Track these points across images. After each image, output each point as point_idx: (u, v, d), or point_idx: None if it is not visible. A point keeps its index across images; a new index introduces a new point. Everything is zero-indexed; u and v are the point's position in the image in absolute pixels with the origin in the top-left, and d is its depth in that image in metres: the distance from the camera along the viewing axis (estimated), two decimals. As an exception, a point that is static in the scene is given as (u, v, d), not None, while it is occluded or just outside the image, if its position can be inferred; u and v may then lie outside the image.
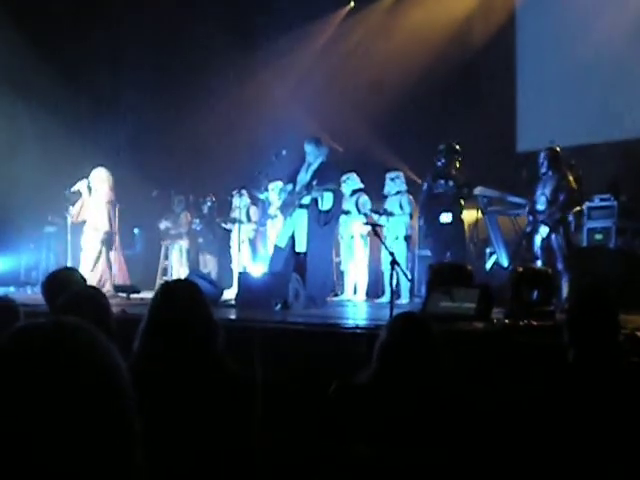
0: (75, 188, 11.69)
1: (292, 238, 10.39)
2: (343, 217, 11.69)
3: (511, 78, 14.74)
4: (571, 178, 9.96)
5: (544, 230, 9.87)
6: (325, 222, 10.31)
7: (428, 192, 11.30)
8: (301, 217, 10.34)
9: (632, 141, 12.69)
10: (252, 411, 3.16)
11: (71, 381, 1.37)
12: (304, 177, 10.49)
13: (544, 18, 14.46)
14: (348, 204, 11.96)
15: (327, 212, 10.31)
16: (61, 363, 1.38)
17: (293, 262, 10.43)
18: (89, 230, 11.68)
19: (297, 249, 10.39)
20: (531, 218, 10.05)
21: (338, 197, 10.54)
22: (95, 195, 11.69)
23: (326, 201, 10.32)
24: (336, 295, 12.42)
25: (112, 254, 11.86)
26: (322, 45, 16.57)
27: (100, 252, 11.58)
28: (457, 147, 11.33)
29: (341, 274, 12.73)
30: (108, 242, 11.74)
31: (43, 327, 1.46)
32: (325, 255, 10.68)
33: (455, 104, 14.41)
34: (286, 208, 10.63)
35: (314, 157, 10.52)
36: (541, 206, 9.99)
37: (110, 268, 11.59)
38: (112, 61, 16.68)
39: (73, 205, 11.81)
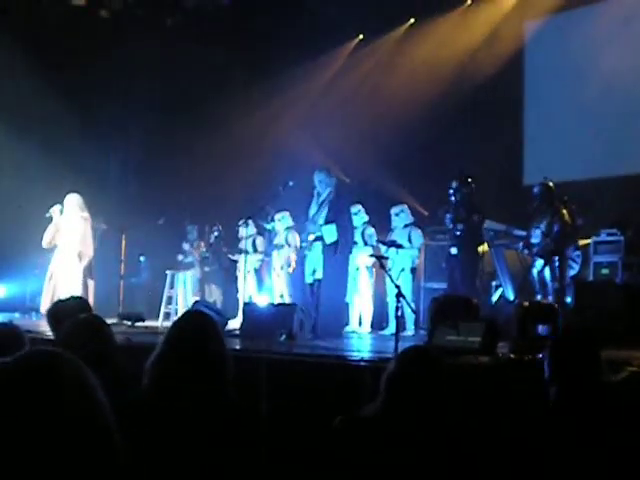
0: (49, 213, 11.68)
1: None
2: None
3: (519, 111, 14.79)
4: (565, 212, 10.06)
5: (539, 263, 9.94)
6: (335, 252, 10.37)
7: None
8: (316, 249, 10.42)
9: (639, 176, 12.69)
10: (256, 443, 3.15)
11: (54, 403, 1.46)
12: (313, 209, 10.58)
13: (552, 52, 14.52)
14: (355, 236, 11.98)
15: (334, 244, 10.36)
16: (45, 387, 1.48)
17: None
18: (62, 255, 11.65)
19: (308, 280, 10.49)
20: (526, 252, 10.13)
21: (342, 228, 10.55)
22: (69, 220, 11.67)
23: (329, 234, 10.37)
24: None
25: (90, 282, 11.80)
26: (331, 77, 16.64)
27: (78, 278, 11.54)
28: (469, 180, 11.41)
29: (346, 305, 12.71)
30: (88, 268, 11.72)
31: (30, 357, 1.51)
32: (339, 286, 10.71)
33: (462, 137, 14.42)
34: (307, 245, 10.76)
35: (324, 187, 10.59)
36: (535, 239, 10.09)
37: (87, 296, 11.49)
38: (121, 88, 16.76)
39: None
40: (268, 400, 3.33)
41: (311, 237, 10.67)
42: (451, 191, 11.39)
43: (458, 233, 11.30)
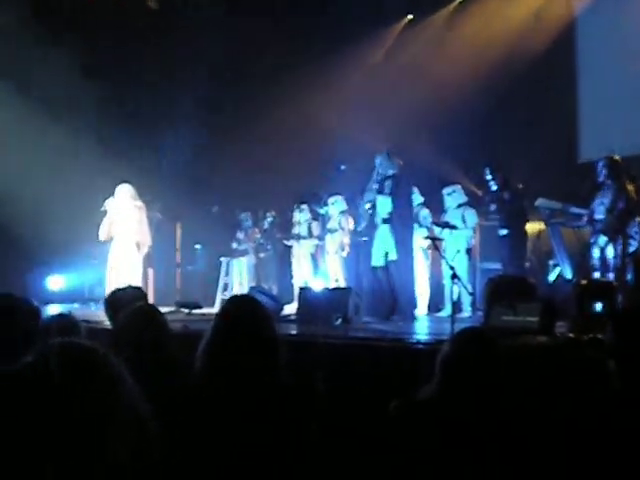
0: (103, 207, 11.77)
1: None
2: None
3: (572, 88, 14.55)
4: (631, 188, 9.78)
5: (602, 240, 9.73)
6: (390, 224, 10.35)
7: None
8: (383, 231, 10.40)
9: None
10: (311, 427, 3.14)
11: (83, 395, 1.48)
12: (371, 185, 10.56)
13: (605, 25, 14.24)
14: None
15: (389, 216, 10.37)
16: (74, 377, 1.50)
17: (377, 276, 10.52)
18: (120, 245, 11.78)
19: (378, 263, 10.47)
20: (590, 228, 9.91)
21: (399, 202, 10.52)
22: (123, 210, 11.78)
23: (383, 206, 10.37)
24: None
25: (150, 271, 11.91)
26: (380, 58, 16.55)
27: (137, 267, 11.66)
28: (500, 164, 11.35)
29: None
30: (147, 257, 11.83)
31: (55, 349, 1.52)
32: (410, 267, 10.68)
33: (515, 115, 14.26)
34: (370, 227, 10.70)
35: (384, 168, 10.56)
36: (599, 215, 9.85)
37: (147, 285, 11.58)
38: (170, 78, 16.85)
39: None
40: (324, 384, 3.31)
41: (367, 206, 10.62)
42: (487, 176, 11.29)
43: (500, 214, 11.21)
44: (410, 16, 16.57)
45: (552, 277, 11.79)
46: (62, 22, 15.07)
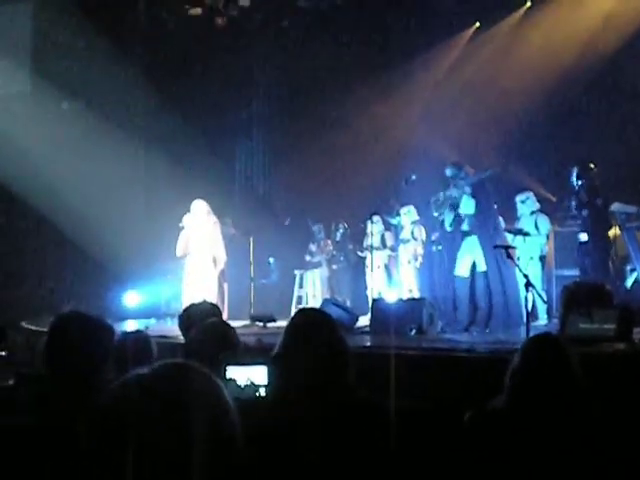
0: (181, 223, 11.91)
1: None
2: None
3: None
4: None
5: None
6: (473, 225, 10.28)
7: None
8: (471, 240, 10.37)
9: None
10: (385, 440, 3.14)
11: (182, 417, 1.50)
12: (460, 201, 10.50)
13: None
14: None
15: (472, 217, 10.29)
16: (175, 400, 1.52)
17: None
18: (196, 261, 11.90)
19: (460, 273, 10.39)
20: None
21: (482, 205, 10.44)
22: (199, 226, 11.90)
23: (467, 206, 10.30)
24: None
25: (225, 285, 12.03)
26: (449, 67, 16.47)
27: (213, 282, 11.77)
28: (590, 166, 11.15)
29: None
30: (222, 272, 11.96)
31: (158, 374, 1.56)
32: (509, 275, 10.46)
33: (588, 120, 14.06)
34: (449, 238, 10.62)
35: (457, 180, 10.50)
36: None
37: (222, 300, 11.67)
38: (243, 93, 17.03)
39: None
40: (398, 396, 3.31)
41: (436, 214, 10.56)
42: (573, 178, 11.14)
43: (583, 219, 11.03)
44: (477, 24, 16.47)
45: (629, 283, 11.59)
46: (132, 41, 15.35)
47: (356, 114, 15.82)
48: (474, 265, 10.44)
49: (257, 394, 3.15)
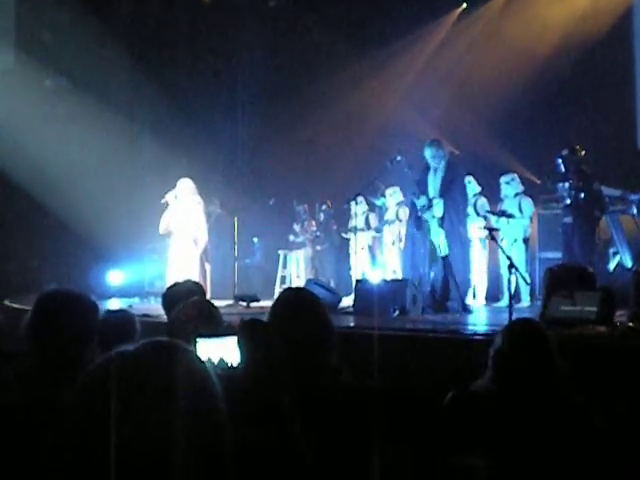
0: (164, 199, 11.92)
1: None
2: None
3: (630, 73, 14.31)
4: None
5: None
6: (441, 225, 10.35)
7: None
8: (434, 225, 10.44)
9: None
10: (370, 422, 3.14)
11: (167, 394, 1.49)
12: (433, 183, 10.51)
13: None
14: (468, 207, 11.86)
15: (442, 218, 10.34)
16: (160, 378, 1.51)
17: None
18: (178, 241, 11.93)
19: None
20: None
21: (451, 201, 10.48)
22: (182, 205, 11.91)
23: (437, 209, 10.35)
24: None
25: (207, 266, 12.03)
26: (434, 48, 16.44)
27: (195, 263, 11.78)
28: (577, 147, 11.14)
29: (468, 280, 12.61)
30: (204, 253, 11.97)
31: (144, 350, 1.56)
32: (463, 260, 10.67)
33: (573, 102, 14.07)
34: (422, 222, 10.62)
35: (438, 160, 10.52)
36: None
37: (205, 280, 11.66)
38: (228, 72, 16.97)
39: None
40: (381, 376, 3.33)
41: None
42: (560, 160, 11.13)
43: (577, 201, 11.03)
44: (464, 5, 16.44)
45: (612, 266, 11.65)
46: (117, 18, 15.27)
47: (341, 95, 15.78)
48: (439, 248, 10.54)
49: (229, 366, 3.12)
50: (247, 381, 2.70)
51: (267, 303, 11.85)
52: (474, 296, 12.01)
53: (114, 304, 11.65)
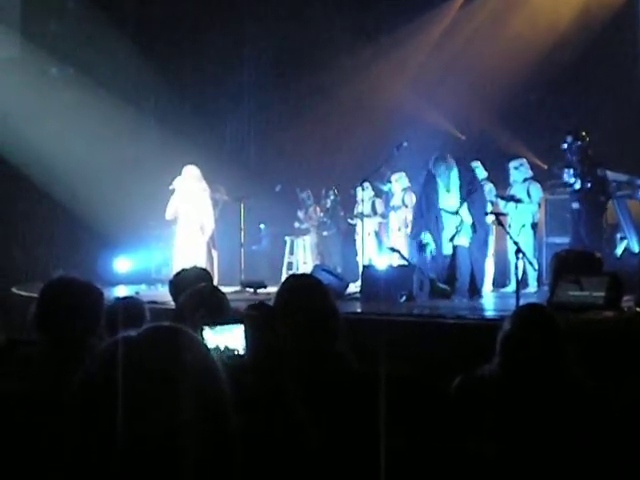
0: (172, 186, 11.93)
1: None
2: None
3: (636, 57, 14.23)
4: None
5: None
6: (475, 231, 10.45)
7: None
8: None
9: None
10: (375, 409, 3.14)
11: (173, 378, 1.49)
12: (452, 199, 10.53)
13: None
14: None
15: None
16: (165, 362, 1.52)
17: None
18: (185, 228, 11.95)
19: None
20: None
21: (473, 204, 10.54)
22: (189, 192, 11.92)
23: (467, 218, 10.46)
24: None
25: (214, 252, 12.06)
26: (441, 33, 16.36)
27: (203, 249, 11.81)
28: (583, 134, 11.10)
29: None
30: (211, 239, 11.99)
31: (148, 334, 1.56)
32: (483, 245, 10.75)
33: (581, 88, 14.01)
34: None
35: (447, 175, 10.50)
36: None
37: (212, 267, 11.66)
38: (233, 59, 16.93)
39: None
40: (388, 362, 3.32)
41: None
42: (565, 146, 11.10)
43: (583, 187, 11.00)
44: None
45: (619, 251, 11.62)
46: (123, 7, 15.25)
47: (347, 81, 15.73)
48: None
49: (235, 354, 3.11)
50: (252, 366, 2.70)
51: (274, 289, 11.83)
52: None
53: (121, 291, 11.66)
